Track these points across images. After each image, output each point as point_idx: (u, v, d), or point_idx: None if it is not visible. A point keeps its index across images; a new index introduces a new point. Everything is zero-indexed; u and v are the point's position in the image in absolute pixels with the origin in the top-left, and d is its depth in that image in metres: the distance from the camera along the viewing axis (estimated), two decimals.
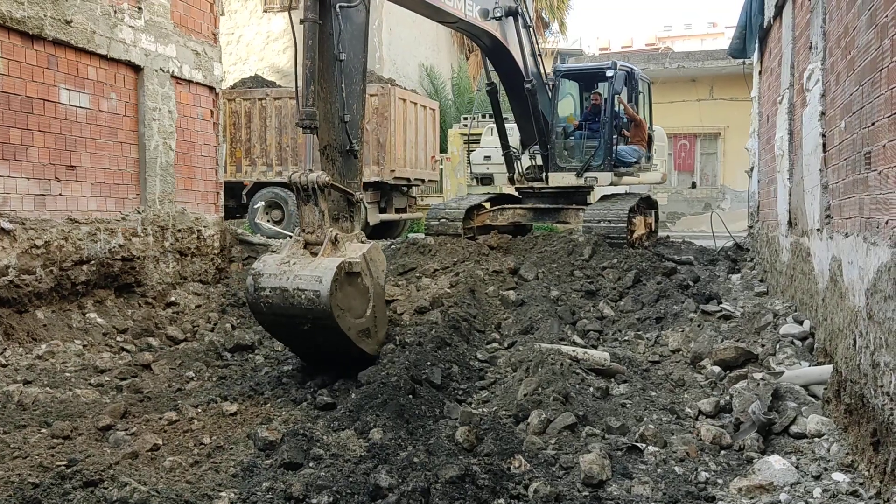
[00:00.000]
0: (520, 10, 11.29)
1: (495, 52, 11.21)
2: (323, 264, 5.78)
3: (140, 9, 9.15)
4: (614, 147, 11.94)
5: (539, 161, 12.30)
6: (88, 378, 6.40)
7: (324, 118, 6.71)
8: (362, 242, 6.40)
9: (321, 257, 5.92)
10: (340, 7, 6.53)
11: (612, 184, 12.27)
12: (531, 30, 11.83)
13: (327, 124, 6.77)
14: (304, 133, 6.55)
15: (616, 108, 12.03)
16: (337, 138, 6.79)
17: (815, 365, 5.32)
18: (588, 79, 12.94)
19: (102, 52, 8.58)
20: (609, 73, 11.79)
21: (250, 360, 7.20)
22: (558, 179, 12.20)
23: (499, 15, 10.62)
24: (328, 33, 6.65)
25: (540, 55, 12.20)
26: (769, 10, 8.63)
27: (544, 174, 12.30)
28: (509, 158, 12.50)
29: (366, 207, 14.60)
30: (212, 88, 10.61)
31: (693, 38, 75.65)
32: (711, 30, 76.70)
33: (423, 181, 16.66)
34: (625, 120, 12.29)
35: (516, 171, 12.53)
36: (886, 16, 3.72)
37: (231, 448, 4.62)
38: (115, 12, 8.76)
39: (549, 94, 12.18)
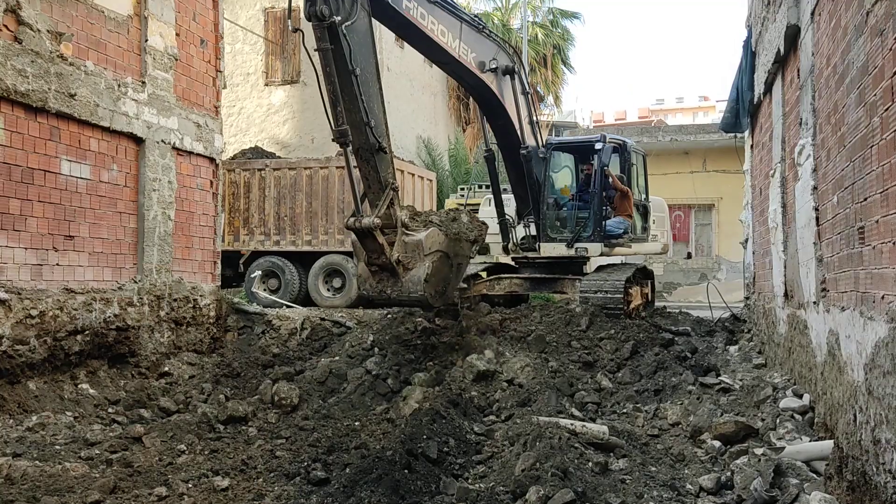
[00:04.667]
0: (517, 71, 11.57)
1: (491, 107, 11.48)
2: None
3: (144, 83, 9.34)
4: (604, 218, 12.03)
5: (533, 231, 12.39)
6: (78, 451, 6.29)
7: (353, 126, 7.92)
8: (414, 231, 8.77)
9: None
10: (346, 27, 7.44)
11: (603, 254, 12.30)
12: (529, 97, 12.07)
13: (356, 131, 7.99)
14: (341, 147, 7.95)
15: (605, 180, 12.16)
16: (366, 141, 8.12)
17: (817, 440, 5.25)
18: (579, 151, 13.14)
19: (105, 124, 8.72)
20: (598, 146, 11.99)
21: (243, 432, 7.09)
22: (549, 250, 12.27)
23: (494, 66, 10.96)
24: (340, 54, 7.58)
25: (538, 124, 12.43)
26: (759, 87, 8.82)
27: (537, 244, 12.37)
28: (504, 227, 12.58)
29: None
30: (212, 159, 10.75)
31: (685, 112, 77.21)
32: (703, 103, 78.32)
33: None
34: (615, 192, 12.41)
35: (511, 241, 12.59)
36: (875, 94, 3.81)
37: None
38: (119, 86, 8.94)
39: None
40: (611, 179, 12.14)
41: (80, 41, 8.44)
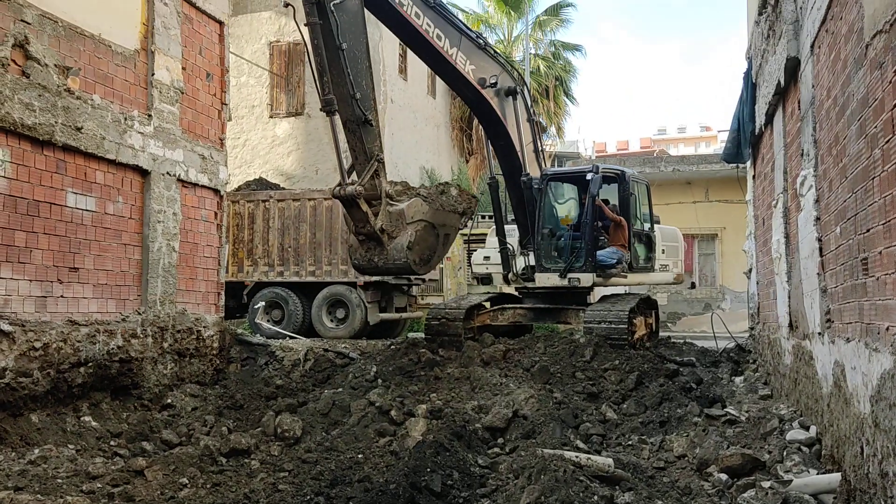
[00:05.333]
0: (519, 92, 11.72)
1: (490, 123, 11.76)
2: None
3: (150, 116, 9.43)
4: (596, 249, 11.94)
5: (532, 261, 12.40)
6: (80, 484, 6.24)
7: (340, 99, 8.54)
8: (399, 202, 9.37)
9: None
10: (334, 5, 8.24)
11: (596, 285, 12.22)
12: (535, 125, 12.17)
13: (343, 104, 8.61)
14: (327, 116, 8.55)
15: (598, 211, 12.14)
16: (353, 114, 8.69)
17: (824, 473, 5.20)
18: (574, 182, 13.15)
19: (111, 157, 8.79)
20: (588, 176, 11.95)
21: (246, 465, 7.04)
22: (544, 280, 12.26)
23: (493, 82, 11.17)
24: (328, 29, 8.32)
25: (542, 151, 12.53)
26: (760, 118, 8.87)
27: (535, 274, 12.40)
28: (505, 255, 12.61)
29: (366, 307, 14.62)
30: (216, 191, 10.81)
31: (687, 141, 77.59)
32: (705, 133, 78.71)
33: (423, 280, 16.73)
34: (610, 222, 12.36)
35: (511, 270, 12.61)
36: (876, 126, 3.83)
37: None
38: (126, 119, 9.02)
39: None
40: (602, 210, 12.11)
41: (88, 75, 8.54)
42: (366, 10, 9.01)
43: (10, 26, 7.52)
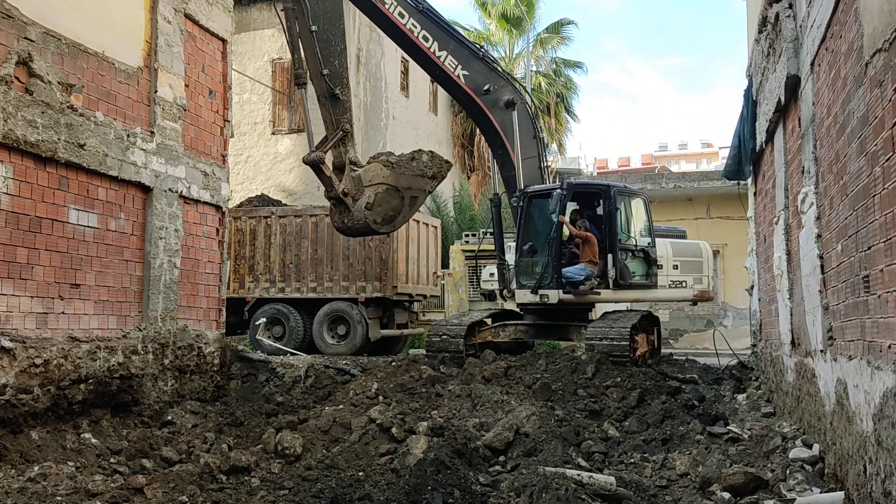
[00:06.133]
0: (517, 104, 11.89)
1: (485, 128, 12.46)
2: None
3: (152, 133, 9.47)
4: (560, 265, 11.93)
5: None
6: (80, 502, 6.22)
7: (312, 75, 9.79)
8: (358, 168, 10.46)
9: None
10: None
11: (562, 301, 12.03)
12: (539, 141, 12.27)
13: (315, 79, 9.81)
14: (297, 88, 10.12)
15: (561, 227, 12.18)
16: (322, 88, 9.87)
17: (827, 492, 5.17)
18: (548, 198, 13.09)
19: (114, 173, 8.81)
20: (556, 192, 11.99)
21: (246, 482, 7.01)
22: (521, 296, 12.32)
23: (486, 89, 11.67)
24: (301, 12, 9.56)
25: (547, 168, 12.65)
26: (761, 135, 8.89)
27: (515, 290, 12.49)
28: (502, 272, 12.63)
29: (367, 323, 14.60)
30: (218, 207, 10.83)
31: (689, 158, 77.72)
32: (706, 150, 78.86)
33: (424, 297, 16.71)
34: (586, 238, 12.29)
35: (507, 287, 12.64)
36: (876, 144, 3.83)
37: None
38: (128, 136, 9.06)
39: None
40: (564, 227, 12.08)
41: (91, 92, 8.58)
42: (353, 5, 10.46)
43: (13, 44, 7.57)
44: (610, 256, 11.94)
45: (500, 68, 12.50)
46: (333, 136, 10.11)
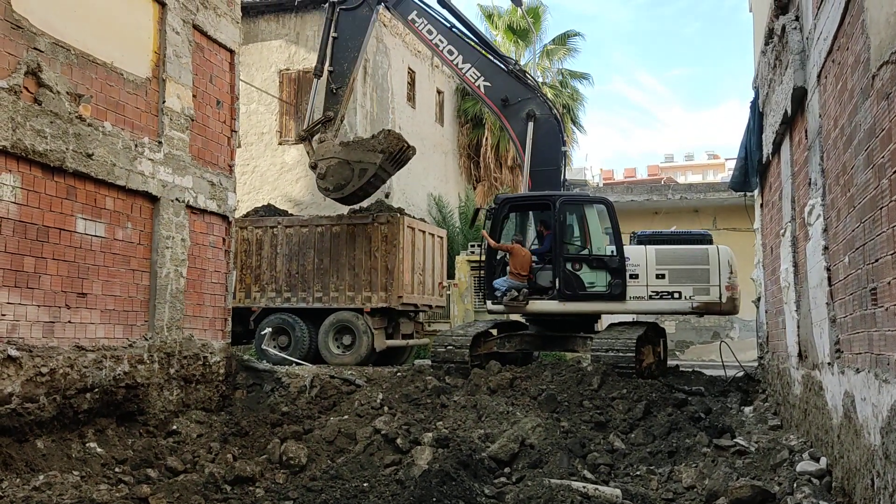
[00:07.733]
0: (536, 115, 12.47)
1: (511, 139, 13.80)
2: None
3: (160, 143, 9.51)
4: (490, 276, 12.32)
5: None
6: None
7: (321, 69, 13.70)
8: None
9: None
10: (342, 8, 13.50)
11: (490, 311, 12.54)
12: (562, 155, 12.79)
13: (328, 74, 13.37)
14: (313, 77, 14.22)
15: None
16: (326, 82, 13.53)
17: None
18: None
19: (121, 183, 8.85)
20: (487, 207, 12.61)
21: (250, 493, 7.00)
22: (488, 305, 12.59)
23: (504, 97, 12.93)
24: (329, 20, 13.45)
25: (566, 182, 13.05)
26: (767, 147, 8.89)
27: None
28: None
29: (373, 333, 14.58)
30: (225, 217, 10.86)
31: (695, 169, 77.67)
32: (713, 161, 78.77)
33: (430, 307, 16.68)
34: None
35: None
36: (883, 157, 3.83)
37: None
38: (136, 146, 9.10)
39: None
40: (486, 241, 12.41)
41: (99, 102, 8.63)
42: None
43: (23, 54, 7.62)
44: (552, 267, 12.03)
45: (529, 82, 13.19)
46: (318, 120, 13.52)
